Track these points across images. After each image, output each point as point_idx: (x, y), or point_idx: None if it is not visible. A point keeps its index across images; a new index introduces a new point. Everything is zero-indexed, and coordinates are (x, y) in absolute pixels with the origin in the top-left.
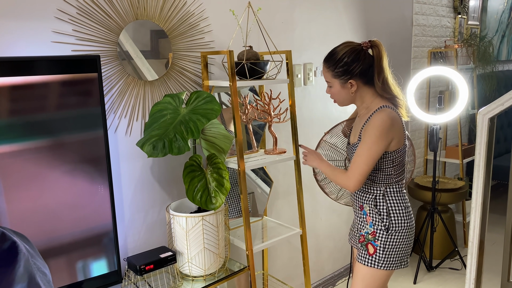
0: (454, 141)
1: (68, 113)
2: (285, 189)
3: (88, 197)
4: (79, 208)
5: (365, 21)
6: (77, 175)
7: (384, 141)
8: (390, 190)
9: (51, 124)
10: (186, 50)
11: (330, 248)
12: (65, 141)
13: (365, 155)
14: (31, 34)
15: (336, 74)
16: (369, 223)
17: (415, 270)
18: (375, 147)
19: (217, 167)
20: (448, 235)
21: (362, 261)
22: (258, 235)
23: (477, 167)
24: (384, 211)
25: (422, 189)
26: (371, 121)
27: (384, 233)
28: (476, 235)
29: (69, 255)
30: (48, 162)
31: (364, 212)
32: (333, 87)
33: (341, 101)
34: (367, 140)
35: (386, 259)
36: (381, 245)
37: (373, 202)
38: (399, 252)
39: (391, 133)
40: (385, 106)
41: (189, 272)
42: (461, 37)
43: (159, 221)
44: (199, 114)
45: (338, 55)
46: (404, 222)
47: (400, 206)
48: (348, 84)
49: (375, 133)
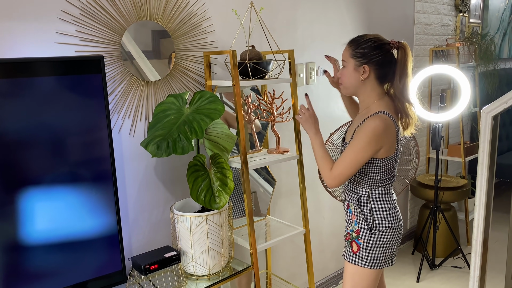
0: (456, 140)
1: (72, 114)
2: (288, 189)
3: (92, 197)
4: (83, 207)
5: (367, 20)
6: (81, 175)
7: (372, 148)
8: (375, 192)
9: (55, 125)
10: (189, 50)
11: (333, 247)
12: (69, 142)
13: (350, 158)
14: (35, 35)
15: (354, 54)
16: (354, 221)
17: (418, 269)
18: (361, 153)
19: (220, 167)
20: (451, 233)
21: (347, 258)
22: (262, 234)
23: (481, 165)
24: (367, 211)
25: (425, 188)
26: (364, 125)
27: (368, 232)
28: (480, 233)
29: (73, 255)
30: (52, 162)
31: (350, 211)
32: (346, 68)
33: (347, 86)
34: (356, 144)
35: (370, 258)
36: (364, 244)
37: (357, 202)
38: (383, 252)
39: (381, 142)
40: (383, 112)
41: (193, 271)
42: (463, 35)
43: (163, 221)
44: (202, 114)
45: (364, 38)
46: (388, 223)
47: (384, 207)
48: (362, 68)
49: (364, 139)
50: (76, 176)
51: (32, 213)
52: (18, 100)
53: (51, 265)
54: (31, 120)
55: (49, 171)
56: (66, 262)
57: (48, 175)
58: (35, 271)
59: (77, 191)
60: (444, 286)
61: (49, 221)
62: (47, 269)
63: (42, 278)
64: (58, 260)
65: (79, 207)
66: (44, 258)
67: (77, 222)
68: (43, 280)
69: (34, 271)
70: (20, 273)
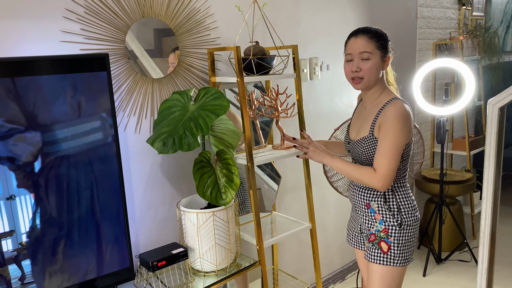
0: (461, 133)
1: (77, 112)
2: (293, 184)
3: (98, 195)
4: (89, 205)
5: (369, 14)
6: (87, 173)
7: (406, 133)
8: (398, 185)
9: (61, 123)
10: (193, 47)
11: (339, 242)
12: (75, 140)
13: (391, 151)
14: (40, 34)
15: (380, 46)
16: (378, 220)
17: (424, 263)
18: (400, 140)
19: (226, 163)
20: (457, 227)
21: (377, 260)
22: (268, 230)
23: (488, 157)
24: (394, 207)
25: (430, 182)
26: (387, 113)
27: (397, 229)
28: (487, 225)
29: (81, 253)
30: (59, 161)
31: (372, 210)
32: (371, 60)
33: (371, 79)
34: (390, 135)
35: (402, 255)
36: (395, 241)
37: (382, 198)
38: (412, 246)
39: (409, 124)
40: (396, 98)
41: (200, 267)
42: (466, 28)
43: (169, 218)
44: (208, 110)
45: (377, 30)
46: (413, 216)
47: (408, 200)
48: (386, 60)
49: (396, 126)
50: (83, 174)
51: (39, 211)
52: (23, 98)
53: (59, 263)
54: (36, 118)
55: (56, 170)
56: (74, 260)
57: (54, 173)
58: (43, 269)
59: (83, 189)
60: (450, 280)
61: (56, 219)
62: (55, 267)
63: (51, 276)
64: (66, 258)
65: (85, 205)
66: (52, 256)
67: (84, 220)
68: (52, 278)
69: (42, 269)
70: (28, 271)
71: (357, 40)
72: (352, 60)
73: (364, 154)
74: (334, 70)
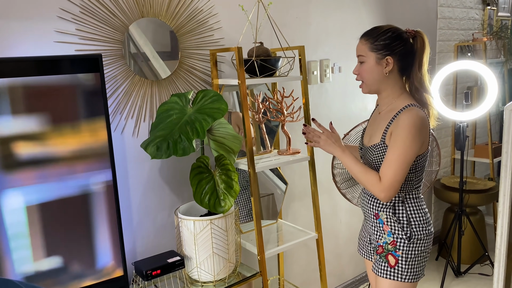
0: (484, 139)
1: (71, 113)
2: (302, 191)
3: (92, 200)
4: (83, 211)
5: (385, 14)
6: (80, 177)
7: (418, 143)
8: (410, 197)
9: (54, 125)
10: (195, 48)
11: (351, 252)
12: (67, 143)
13: (399, 161)
14: (34, 34)
15: (375, 47)
16: (387, 232)
17: (442, 276)
18: (409, 152)
19: (225, 169)
20: (478, 239)
21: (383, 274)
22: (273, 239)
23: (504, 167)
24: (404, 219)
25: (449, 190)
26: (401, 121)
27: (406, 242)
28: (504, 241)
29: (75, 260)
30: (50, 164)
31: (380, 221)
32: (365, 63)
33: (370, 83)
34: (400, 145)
35: (410, 270)
36: (404, 255)
37: (391, 209)
38: (422, 261)
39: (423, 135)
40: (412, 104)
41: (198, 277)
42: (491, 29)
43: (168, 225)
44: (205, 113)
45: (382, 29)
46: (424, 229)
47: (420, 212)
48: (385, 61)
49: (407, 136)
50: (76, 179)
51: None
52: (14, 100)
53: (52, 270)
54: (29, 120)
55: (47, 174)
56: (67, 267)
57: (45, 178)
58: (36, 277)
59: (76, 194)
60: None
61: (50, 226)
62: (48, 274)
63: (44, 284)
64: (59, 264)
65: (79, 211)
66: (45, 263)
67: (78, 226)
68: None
69: (35, 277)
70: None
71: (358, 43)
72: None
73: (375, 162)
74: (347, 73)
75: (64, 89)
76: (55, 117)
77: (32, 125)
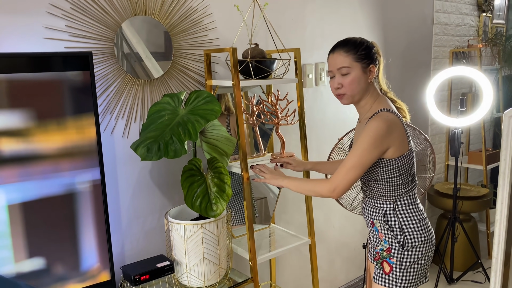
0: (478, 146)
1: (58, 110)
2: (295, 195)
3: (79, 203)
4: (70, 213)
5: (382, 18)
6: (68, 178)
7: (377, 149)
8: (401, 203)
9: (41, 123)
10: (189, 48)
11: (344, 258)
12: (54, 140)
13: (353, 162)
14: (22, 30)
15: (359, 57)
16: (382, 239)
17: (435, 283)
18: (366, 156)
19: (218, 172)
20: (471, 246)
21: (378, 280)
22: (265, 243)
23: (502, 175)
24: (396, 227)
25: (443, 197)
26: (367, 126)
27: (400, 250)
28: (501, 250)
29: (61, 264)
30: (33, 160)
31: (375, 229)
32: (351, 74)
33: (355, 93)
34: (358, 147)
35: (405, 278)
36: (398, 263)
37: (383, 218)
38: (418, 269)
39: (386, 141)
40: (385, 109)
41: (187, 283)
42: (486, 36)
43: (158, 228)
44: (198, 115)
45: (356, 40)
46: (420, 237)
47: (414, 219)
48: (368, 70)
49: (368, 140)
50: (61, 177)
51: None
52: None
53: (34, 272)
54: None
55: (30, 172)
56: (50, 269)
57: (28, 175)
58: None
59: (61, 193)
60: None
61: (32, 226)
62: (30, 276)
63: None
64: (42, 266)
65: (64, 210)
66: (27, 264)
67: (62, 227)
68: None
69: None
70: None
71: (334, 55)
72: (334, 76)
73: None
74: None
75: (51, 86)
76: (41, 113)
77: (15, 121)
